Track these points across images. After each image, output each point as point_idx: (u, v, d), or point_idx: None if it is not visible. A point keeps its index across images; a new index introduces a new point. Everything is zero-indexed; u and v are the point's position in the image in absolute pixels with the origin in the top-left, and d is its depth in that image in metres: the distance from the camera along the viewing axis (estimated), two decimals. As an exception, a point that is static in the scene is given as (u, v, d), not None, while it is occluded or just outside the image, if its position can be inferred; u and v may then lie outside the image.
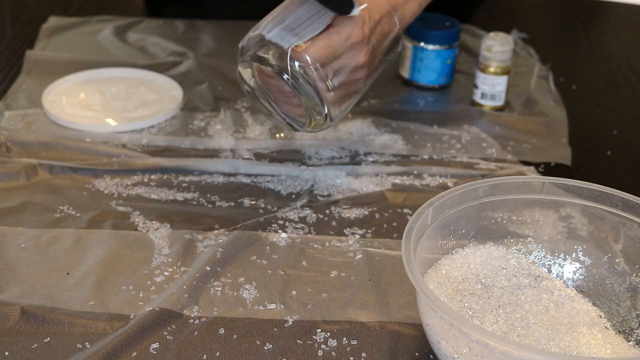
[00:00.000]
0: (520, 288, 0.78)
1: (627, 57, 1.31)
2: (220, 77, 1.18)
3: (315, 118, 0.89)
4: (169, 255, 0.86)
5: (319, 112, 0.89)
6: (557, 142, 1.08)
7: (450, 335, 0.69)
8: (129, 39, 1.26)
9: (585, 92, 1.21)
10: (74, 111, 1.08)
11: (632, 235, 0.80)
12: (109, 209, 0.92)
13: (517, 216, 0.83)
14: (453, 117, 1.12)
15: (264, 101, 0.92)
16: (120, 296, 0.80)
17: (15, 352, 0.74)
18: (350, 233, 0.90)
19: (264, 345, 0.76)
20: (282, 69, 0.86)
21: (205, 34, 1.28)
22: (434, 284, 0.77)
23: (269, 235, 0.89)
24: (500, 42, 1.11)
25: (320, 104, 0.88)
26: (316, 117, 0.89)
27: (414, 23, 1.15)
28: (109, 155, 1.00)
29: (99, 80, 1.15)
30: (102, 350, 0.73)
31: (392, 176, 0.99)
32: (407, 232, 0.74)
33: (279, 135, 1.06)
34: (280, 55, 0.86)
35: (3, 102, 1.09)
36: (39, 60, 1.18)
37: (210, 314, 0.79)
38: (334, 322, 0.79)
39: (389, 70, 1.21)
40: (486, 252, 0.81)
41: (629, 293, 0.79)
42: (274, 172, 0.99)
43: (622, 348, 0.74)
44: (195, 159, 1.00)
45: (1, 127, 1.03)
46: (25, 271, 0.83)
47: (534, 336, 0.73)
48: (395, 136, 1.07)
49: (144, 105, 1.10)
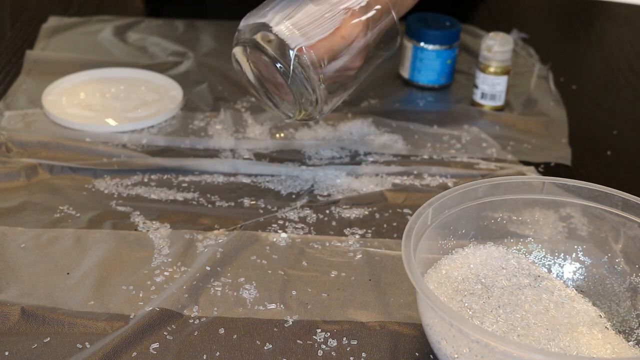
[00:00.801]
0: (520, 288, 0.78)
1: (627, 57, 1.31)
2: (220, 77, 1.18)
3: (305, 108, 0.89)
4: (169, 255, 0.86)
5: (309, 104, 0.89)
6: (557, 142, 1.08)
7: (450, 335, 0.69)
8: (129, 39, 1.26)
9: (585, 92, 1.21)
10: (74, 111, 1.08)
11: (632, 235, 0.80)
12: (109, 209, 0.92)
13: (517, 216, 0.83)
14: (453, 117, 1.12)
15: (255, 84, 0.91)
16: (120, 296, 0.80)
17: (15, 352, 0.74)
18: (350, 233, 0.90)
19: (264, 345, 0.76)
20: (280, 61, 0.86)
21: (205, 34, 1.28)
22: (434, 284, 0.77)
23: (269, 235, 0.89)
24: (500, 42, 1.11)
25: (311, 96, 0.88)
26: (306, 108, 0.89)
27: (414, 23, 1.16)
28: (109, 155, 1.00)
29: (99, 80, 1.14)
30: (102, 350, 0.73)
31: (392, 176, 0.99)
32: (407, 232, 0.74)
33: (279, 135, 1.06)
34: (279, 45, 0.86)
35: (3, 102, 1.09)
36: (39, 60, 1.18)
37: (210, 314, 0.79)
38: (334, 322, 0.79)
39: (389, 70, 1.21)
40: (486, 252, 0.81)
41: (629, 293, 0.79)
42: (274, 172, 0.99)
43: (622, 348, 0.74)
44: (195, 159, 1.00)
45: (1, 127, 1.03)
46: (25, 271, 0.83)
47: (534, 336, 0.73)
48: (395, 136, 1.07)
49: (144, 105, 1.10)
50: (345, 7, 0.87)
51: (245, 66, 0.90)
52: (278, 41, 0.86)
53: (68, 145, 1.01)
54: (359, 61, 0.89)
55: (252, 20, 0.87)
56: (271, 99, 0.92)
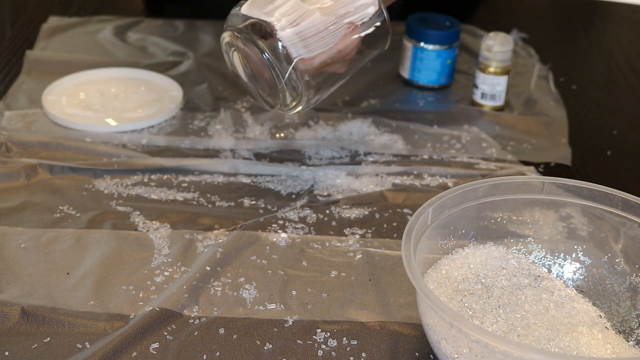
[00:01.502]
0: (520, 288, 0.78)
1: (627, 57, 1.31)
2: (220, 77, 1.18)
3: (287, 101, 0.89)
4: (169, 255, 0.86)
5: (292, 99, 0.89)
6: (557, 142, 1.08)
7: (450, 335, 0.69)
8: (129, 39, 1.26)
9: (585, 92, 1.21)
10: (74, 111, 1.08)
11: (632, 235, 0.80)
12: (109, 209, 0.92)
13: (517, 216, 0.83)
14: (453, 117, 1.12)
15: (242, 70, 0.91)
16: (120, 296, 0.80)
17: (15, 352, 0.74)
18: (350, 233, 0.90)
19: (264, 345, 0.76)
20: (274, 64, 0.86)
21: (205, 33, 1.28)
22: (434, 284, 0.77)
23: (269, 235, 0.89)
24: (500, 42, 1.11)
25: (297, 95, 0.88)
26: (288, 100, 0.89)
27: (414, 23, 1.16)
28: (109, 155, 1.00)
29: (99, 80, 1.14)
30: (102, 350, 0.73)
31: (392, 176, 0.99)
32: (407, 232, 0.74)
33: (279, 135, 1.06)
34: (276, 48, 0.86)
35: (3, 102, 1.09)
36: (39, 60, 1.18)
37: (210, 314, 0.79)
38: (334, 322, 0.79)
39: (389, 70, 1.21)
40: (486, 252, 0.81)
41: (629, 293, 0.79)
42: (274, 172, 0.99)
43: (622, 348, 0.74)
44: (195, 159, 1.00)
45: (1, 127, 1.03)
46: (25, 271, 0.83)
47: (534, 336, 0.73)
48: (395, 136, 1.07)
49: (144, 105, 1.10)
50: (349, 21, 0.87)
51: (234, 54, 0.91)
52: (277, 43, 0.85)
53: (68, 145, 1.01)
54: (344, 68, 0.90)
55: (255, 12, 0.86)
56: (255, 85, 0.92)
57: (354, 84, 1.18)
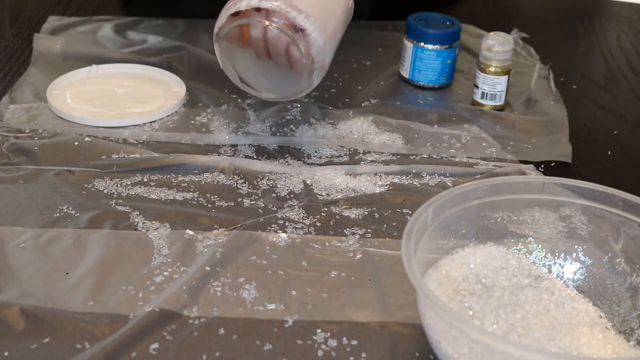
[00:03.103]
0: (520, 288, 0.78)
1: (627, 57, 1.31)
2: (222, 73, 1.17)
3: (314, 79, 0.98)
4: (168, 255, 0.86)
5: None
6: (558, 141, 1.08)
7: (450, 336, 0.69)
8: (129, 37, 1.26)
9: (585, 92, 1.21)
10: (78, 106, 1.08)
11: (632, 235, 0.79)
12: (108, 208, 0.92)
13: (517, 216, 0.83)
14: (453, 117, 1.12)
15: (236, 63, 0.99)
16: (120, 296, 0.80)
17: (14, 353, 0.74)
18: (350, 233, 0.90)
19: (264, 345, 0.76)
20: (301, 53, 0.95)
21: (205, 33, 1.28)
22: (434, 284, 0.77)
23: (268, 235, 0.89)
24: (501, 42, 1.11)
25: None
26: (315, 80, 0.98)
27: (414, 23, 1.16)
28: (109, 152, 1.00)
29: (103, 75, 1.15)
30: (102, 351, 0.73)
31: (392, 175, 0.99)
32: (407, 232, 0.74)
33: (279, 133, 1.06)
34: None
35: (9, 95, 1.09)
36: (44, 53, 1.19)
37: (210, 314, 0.79)
38: (334, 322, 0.79)
39: (389, 70, 1.21)
40: (486, 252, 0.81)
41: (629, 293, 0.79)
42: (273, 171, 0.99)
43: (623, 348, 0.74)
44: (195, 156, 1.00)
45: (5, 120, 1.04)
46: (25, 271, 0.83)
47: (534, 336, 0.73)
48: (395, 135, 1.07)
49: (146, 101, 1.10)
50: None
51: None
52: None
53: (68, 144, 1.01)
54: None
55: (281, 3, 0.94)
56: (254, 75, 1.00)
57: (355, 84, 1.18)
